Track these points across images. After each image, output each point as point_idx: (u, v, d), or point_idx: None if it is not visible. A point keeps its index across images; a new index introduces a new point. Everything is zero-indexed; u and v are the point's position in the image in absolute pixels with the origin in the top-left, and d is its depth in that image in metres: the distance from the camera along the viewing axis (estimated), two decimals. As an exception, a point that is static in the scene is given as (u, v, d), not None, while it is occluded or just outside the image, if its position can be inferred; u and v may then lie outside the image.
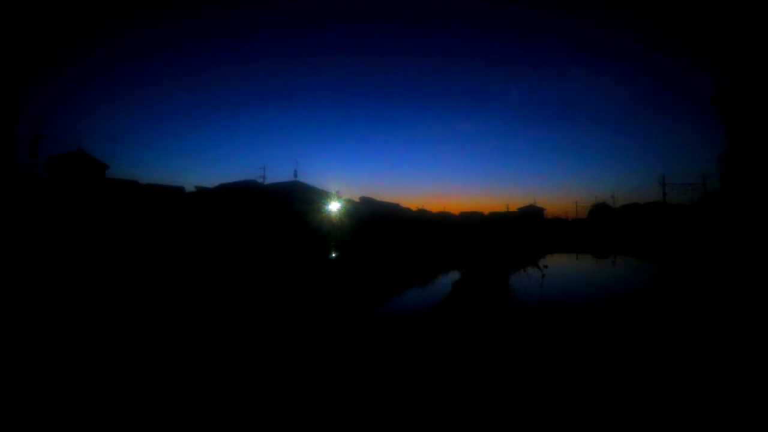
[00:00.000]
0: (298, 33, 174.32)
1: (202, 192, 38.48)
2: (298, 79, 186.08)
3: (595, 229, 67.05)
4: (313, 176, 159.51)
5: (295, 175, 44.71)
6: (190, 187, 40.11)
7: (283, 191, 39.40)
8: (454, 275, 17.69)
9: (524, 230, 62.18)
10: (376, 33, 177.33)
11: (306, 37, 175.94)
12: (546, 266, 13.27)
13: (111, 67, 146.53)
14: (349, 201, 49.49)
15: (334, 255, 21.92)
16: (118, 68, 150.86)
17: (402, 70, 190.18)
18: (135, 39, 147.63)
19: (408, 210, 63.33)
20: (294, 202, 37.01)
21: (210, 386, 4.86)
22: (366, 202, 53.36)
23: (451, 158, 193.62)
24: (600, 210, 76.70)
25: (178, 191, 38.64)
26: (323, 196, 42.76)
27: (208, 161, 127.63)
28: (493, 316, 7.41)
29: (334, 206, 42.83)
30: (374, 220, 42.64)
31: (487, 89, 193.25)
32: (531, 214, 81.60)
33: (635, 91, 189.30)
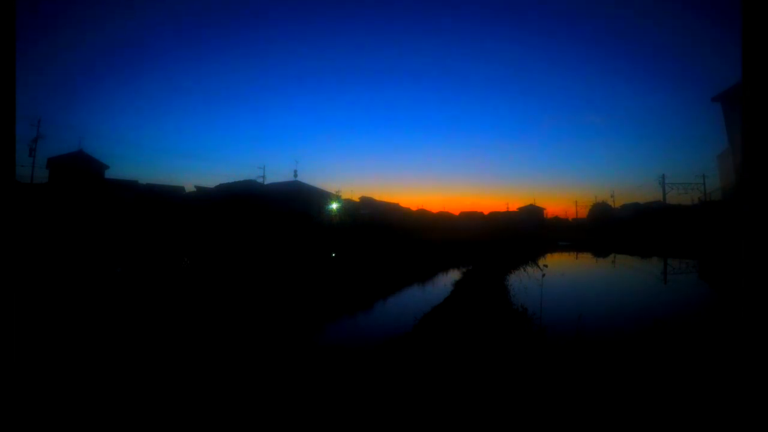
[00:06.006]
0: (299, 33, 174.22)
1: (202, 192, 38.48)
2: (298, 79, 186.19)
3: (595, 228, 67.03)
4: (313, 176, 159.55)
5: (295, 175, 44.68)
6: (190, 187, 40.17)
7: (282, 191, 39.38)
8: (454, 274, 17.70)
9: (524, 230, 62.14)
10: (377, 34, 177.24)
11: (306, 37, 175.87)
12: (546, 266, 13.26)
13: (111, 67, 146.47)
14: (349, 201, 49.50)
15: (334, 254, 21.91)
16: (118, 68, 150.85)
17: (403, 70, 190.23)
18: (135, 39, 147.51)
19: (408, 210, 63.32)
20: (294, 202, 37.00)
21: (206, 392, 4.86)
22: (366, 202, 53.36)
23: (451, 158, 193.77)
24: (600, 209, 76.67)
25: (177, 191, 38.65)
26: (323, 195, 42.73)
27: (208, 161, 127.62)
28: (492, 323, 7.41)
29: (333, 206, 42.82)
30: (374, 220, 42.63)
31: (488, 90, 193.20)
32: (531, 214, 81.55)
33: (635, 91, 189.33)
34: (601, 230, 62.23)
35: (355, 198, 53.10)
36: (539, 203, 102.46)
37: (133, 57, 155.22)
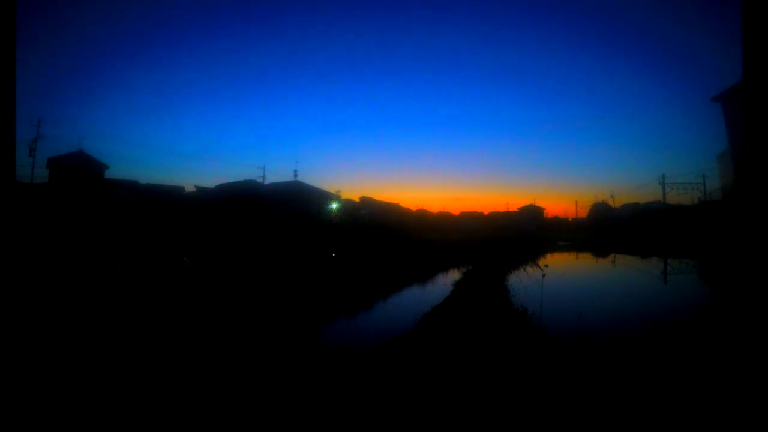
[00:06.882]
0: (298, 33, 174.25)
1: (202, 192, 38.46)
2: (298, 79, 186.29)
3: (595, 228, 67.04)
4: (313, 176, 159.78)
5: (295, 175, 44.71)
6: (190, 187, 40.16)
7: (282, 191, 39.36)
8: (454, 274, 17.70)
9: (524, 230, 62.15)
10: (377, 33, 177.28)
11: (306, 38, 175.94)
12: (546, 265, 13.26)
13: (111, 66, 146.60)
14: (349, 201, 49.50)
15: (334, 254, 21.90)
16: (118, 68, 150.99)
17: (403, 70, 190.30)
18: (135, 39, 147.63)
19: (408, 210, 63.34)
20: (294, 202, 36.99)
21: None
22: (366, 202, 53.35)
23: (451, 158, 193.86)
24: (600, 209, 76.73)
25: (177, 191, 38.65)
26: (323, 195, 42.72)
27: (208, 161, 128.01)
28: (492, 323, 7.41)
29: (333, 206, 42.81)
30: (374, 220, 42.61)
31: (488, 90, 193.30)
32: (531, 214, 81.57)
33: (636, 91, 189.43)
34: (601, 230, 62.24)
35: (355, 198, 53.12)
36: (539, 203, 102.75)
37: (134, 57, 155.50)
